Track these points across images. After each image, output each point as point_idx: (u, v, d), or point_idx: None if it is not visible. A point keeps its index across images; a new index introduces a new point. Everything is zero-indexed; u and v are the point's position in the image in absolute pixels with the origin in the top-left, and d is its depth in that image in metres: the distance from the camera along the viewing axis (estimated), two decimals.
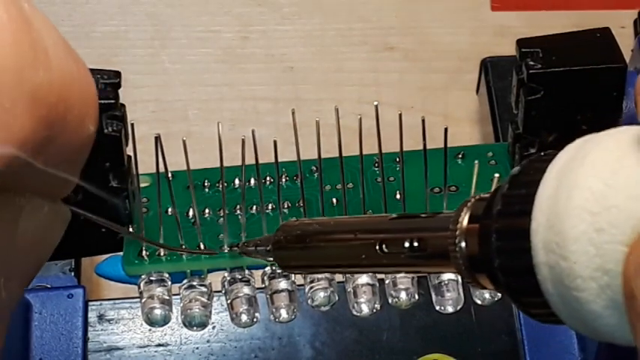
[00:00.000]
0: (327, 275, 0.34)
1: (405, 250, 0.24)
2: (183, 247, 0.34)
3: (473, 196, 0.23)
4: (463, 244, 0.22)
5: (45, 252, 0.22)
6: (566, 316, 0.20)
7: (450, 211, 0.23)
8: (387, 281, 0.35)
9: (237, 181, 0.36)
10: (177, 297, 0.35)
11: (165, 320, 0.34)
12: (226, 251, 0.34)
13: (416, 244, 0.24)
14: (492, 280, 0.22)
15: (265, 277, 0.35)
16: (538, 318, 0.21)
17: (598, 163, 0.19)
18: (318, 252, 0.28)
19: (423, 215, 0.25)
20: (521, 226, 0.20)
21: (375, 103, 0.32)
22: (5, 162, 0.17)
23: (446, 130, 0.33)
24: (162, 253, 0.34)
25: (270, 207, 0.36)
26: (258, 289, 0.35)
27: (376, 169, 0.36)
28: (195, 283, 0.35)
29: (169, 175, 0.33)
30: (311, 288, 0.34)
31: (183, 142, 0.32)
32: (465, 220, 0.22)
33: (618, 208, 0.19)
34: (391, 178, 0.36)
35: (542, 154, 0.21)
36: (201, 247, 0.34)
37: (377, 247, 0.25)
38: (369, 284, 0.35)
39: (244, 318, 0.35)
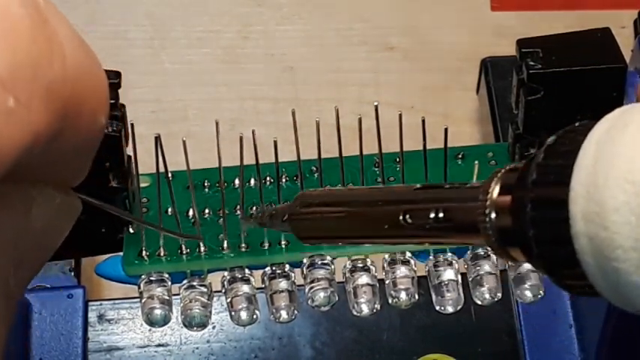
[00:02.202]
0: (327, 275, 0.34)
1: (431, 221, 0.23)
2: (184, 246, 0.34)
3: (503, 167, 0.22)
4: (493, 215, 0.22)
5: (54, 242, 0.22)
6: (604, 287, 0.20)
7: (477, 181, 0.23)
8: (387, 281, 0.35)
9: (237, 181, 0.36)
10: (177, 297, 0.35)
11: (165, 320, 0.34)
12: (241, 218, 0.34)
13: (441, 215, 0.23)
14: (525, 252, 0.21)
15: (265, 278, 0.35)
16: (574, 290, 0.21)
17: (639, 133, 0.19)
18: (337, 222, 0.27)
19: (448, 186, 0.25)
20: (559, 195, 0.20)
21: (375, 103, 0.32)
22: (19, 154, 0.18)
23: (446, 130, 0.33)
24: (162, 254, 0.34)
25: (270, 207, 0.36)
26: (258, 289, 0.35)
27: (376, 169, 0.36)
28: (195, 283, 0.35)
29: (169, 175, 0.33)
30: (311, 288, 0.34)
31: (183, 142, 0.32)
32: (495, 191, 0.22)
33: None
34: (391, 178, 0.36)
35: (576, 124, 0.21)
36: (201, 247, 0.34)
37: (401, 218, 0.24)
38: (369, 284, 0.35)
39: (244, 315, 0.35)
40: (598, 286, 0.20)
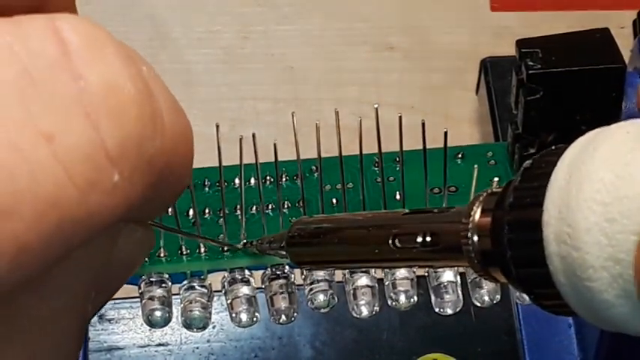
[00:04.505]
0: (327, 277, 0.34)
1: (418, 245, 0.24)
2: (184, 247, 0.34)
3: (485, 191, 0.23)
4: (475, 238, 0.23)
5: (130, 272, 0.23)
6: (578, 306, 0.20)
7: (463, 205, 0.24)
8: (386, 283, 0.35)
9: (237, 181, 0.36)
10: (178, 297, 0.35)
11: (165, 322, 0.34)
12: (240, 247, 0.34)
13: (428, 238, 0.24)
14: (505, 273, 0.22)
15: (265, 279, 0.35)
16: (550, 309, 0.21)
17: (609, 155, 0.19)
18: (332, 247, 0.28)
19: (436, 210, 0.25)
20: (533, 217, 0.20)
21: (375, 105, 0.32)
22: (112, 223, 0.19)
23: (446, 133, 0.33)
24: (162, 254, 0.34)
25: (270, 207, 0.36)
26: (258, 289, 0.35)
27: (376, 169, 0.36)
28: (195, 284, 0.35)
29: None
30: (311, 290, 0.34)
31: None
32: (477, 214, 0.23)
33: (629, 199, 0.19)
34: (391, 178, 0.36)
35: (553, 147, 0.21)
36: (201, 247, 0.35)
37: (390, 242, 0.25)
38: (368, 286, 0.35)
39: (244, 317, 0.35)
40: (572, 305, 0.20)
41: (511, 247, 0.21)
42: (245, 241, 0.34)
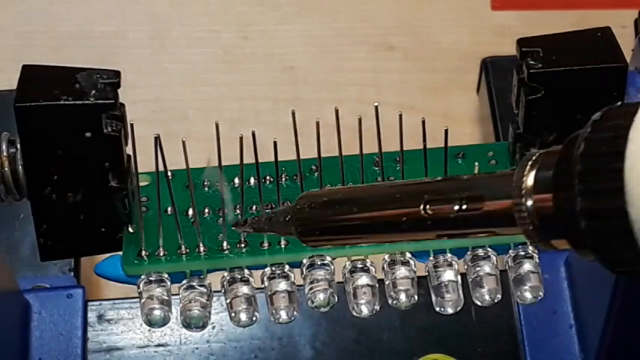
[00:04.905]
0: (327, 276, 0.34)
1: (455, 211, 0.22)
2: (183, 246, 0.34)
3: (535, 152, 0.22)
4: (530, 202, 0.21)
5: None
6: None
7: (506, 170, 0.22)
8: (386, 282, 0.35)
9: (237, 180, 0.36)
10: (177, 297, 0.35)
11: (164, 321, 0.34)
12: (233, 229, 0.33)
13: (468, 204, 0.22)
14: (570, 235, 0.21)
15: (265, 278, 0.35)
16: (621, 267, 0.20)
17: None
18: (348, 217, 0.25)
19: (467, 177, 0.24)
20: (613, 164, 0.19)
21: (376, 104, 0.32)
22: None
23: (446, 131, 0.33)
24: (161, 254, 0.34)
25: (270, 207, 0.36)
26: (257, 289, 0.35)
27: (376, 168, 0.36)
28: (194, 284, 0.35)
29: (169, 174, 0.33)
30: (311, 289, 0.34)
31: (183, 142, 0.32)
32: (531, 175, 0.21)
33: None
34: (391, 178, 0.36)
35: (618, 103, 0.21)
36: (201, 247, 0.34)
37: (421, 208, 0.23)
38: (368, 285, 0.34)
39: (243, 317, 0.35)
40: None
41: (584, 197, 0.20)
42: (238, 213, 0.32)
